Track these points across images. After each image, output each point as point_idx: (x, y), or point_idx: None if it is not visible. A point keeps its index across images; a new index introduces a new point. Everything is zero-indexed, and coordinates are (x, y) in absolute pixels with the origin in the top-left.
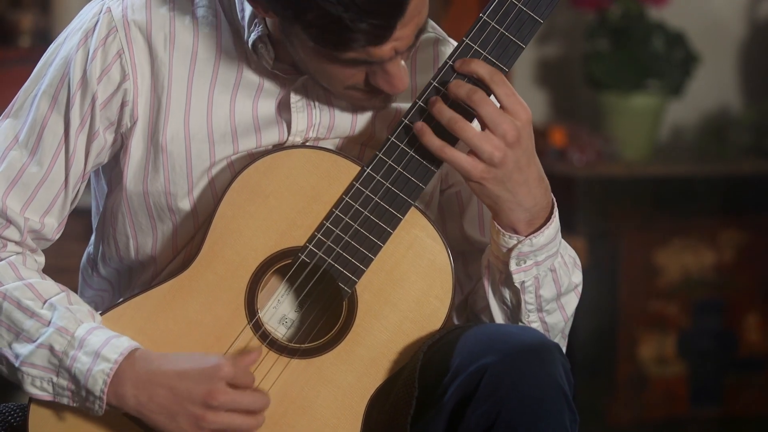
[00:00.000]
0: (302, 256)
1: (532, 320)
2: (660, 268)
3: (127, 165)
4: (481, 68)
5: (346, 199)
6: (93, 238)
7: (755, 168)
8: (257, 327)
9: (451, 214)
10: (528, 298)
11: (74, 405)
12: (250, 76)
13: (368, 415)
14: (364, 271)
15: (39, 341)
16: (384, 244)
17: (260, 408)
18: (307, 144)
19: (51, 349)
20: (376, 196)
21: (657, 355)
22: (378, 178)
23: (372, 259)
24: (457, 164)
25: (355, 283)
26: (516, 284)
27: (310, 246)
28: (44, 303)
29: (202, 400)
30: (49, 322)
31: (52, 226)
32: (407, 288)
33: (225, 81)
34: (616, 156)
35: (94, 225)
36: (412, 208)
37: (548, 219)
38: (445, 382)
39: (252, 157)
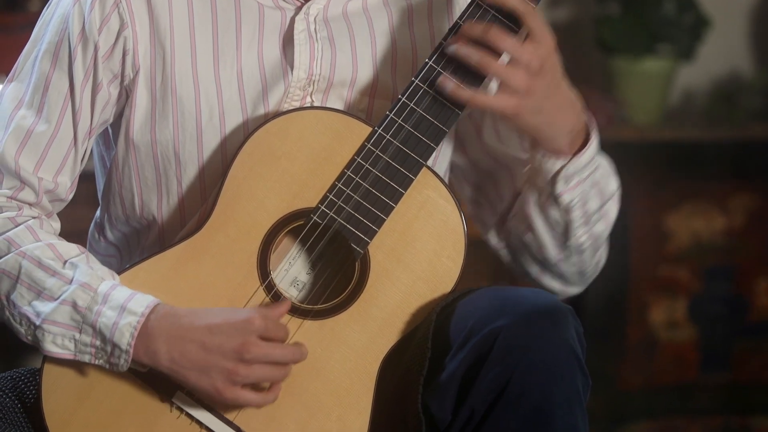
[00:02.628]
0: (314, 217)
1: (580, 235)
2: (670, 233)
3: (134, 116)
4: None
5: (358, 159)
6: (100, 206)
7: (766, 132)
8: (269, 288)
9: (469, 138)
10: (575, 216)
11: (96, 362)
12: (251, 14)
13: (381, 375)
14: (376, 231)
15: (62, 298)
16: (396, 204)
17: (293, 360)
18: (318, 105)
19: (74, 305)
20: (387, 157)
21: (667, 319)
22: (389, 138)
23: (384, 220)
24: (490, 106)
25: (368, 243)
26: (563, 204)
27: (322, 207)
28: (65, 263)
29: (235, 353)
30: (71, 280)
31: (65, 185)
32: (419, 248)
33: (226, 20)
34: (626, 120)
35: (100, 193)
36: (424, 168)
37: (587, 137)
38: (458, 344)
39: (263, 119)
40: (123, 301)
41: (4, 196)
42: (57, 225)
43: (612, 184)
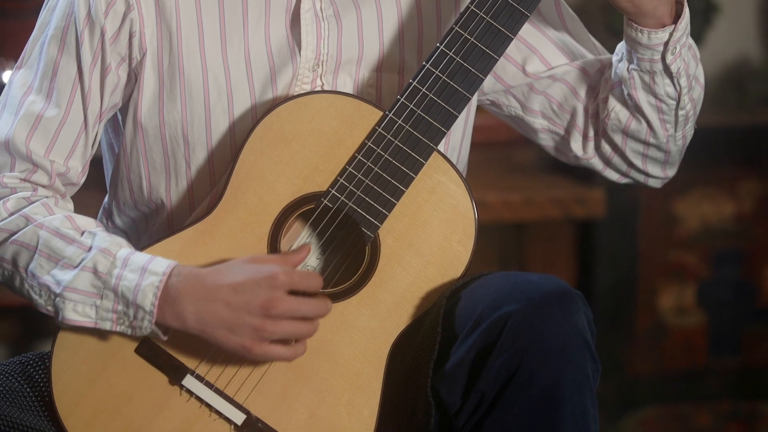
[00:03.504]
0: (325, 201)
1: (686, 104)
2: (679, 218)
3: (141, 98)
4: None
5: (369, 143)
6: (108, 191)
7: None
8: None
9: (525, 97)
10: (683, 83)
11: (117, 329)
12: None
13: (391, 359)
14: (386, 215)
15: (81, 265)
16: (406, 188)
17: (320, 314)
18: (329, 89)
19: (95, 271)
20: (398, 141)
21: (676, 305)
22: (400, 122)
23: (394, 204)
24: None
25: (378, 227)
26: (674, 74)
27: (333, 191)
28: (83, 233)
29: (261, 310)
30: (90, 247)
31: (77, 169)
32: (430, 233)
33: (232, 0)
34: None
35: (108, 179)
36: (435, 152)
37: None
38: (468, 329)
39: (272, 101)
40: (144, 264)
41: (17, 178)
42: (71, 206)
43: (694, 44)
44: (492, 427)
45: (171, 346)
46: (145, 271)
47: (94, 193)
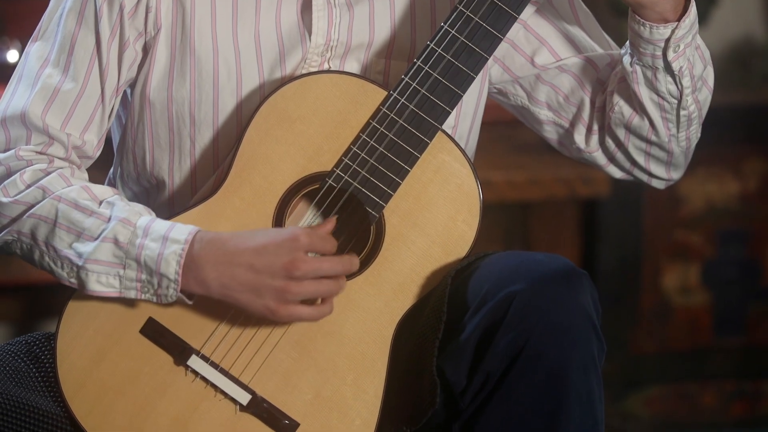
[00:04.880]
0: (329, 181)
1: (689, 104)
2: (684, 198)
3: (152, 73)
4: None
5: (373, 123)
6: (114, 161)
7: None
8: None
9: (531, 88)
10: (686, 82)
11: (142, 297)
12: None
13: (396, 339)
14: (391, 195)
15: (102, 236)
16: (411, 168)
17: (343, 272)
18: (334, 69)
19: (116, 241)
20: (403, 120)
21: (681, 284)
22: (404, 102)
23: (399, 184)
24: None
25: (383, 207)
26: (675, 72)
27: (338, 171)
28: (101, 203)
29: (284, 272)
30: (109, 218)
31: (92, 142)
32: (435, 212)
33: None
34: None
35: (115, 148)
36: (440, 132)
37: (685, 2)
38: (474, 309)
39: (279, 82)
40: (164, 232)
41: (33, 151)
42: (86, 177)
43: (705, 48)
44: (497, 406)
45: (176, 326)
46: (166, 239)
47: (98, 170)
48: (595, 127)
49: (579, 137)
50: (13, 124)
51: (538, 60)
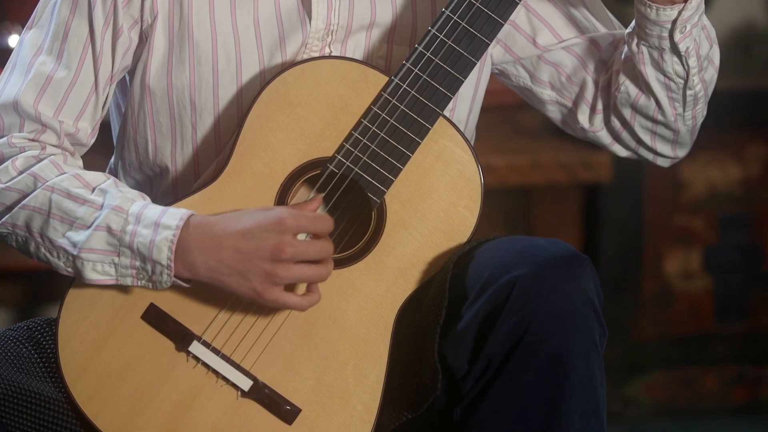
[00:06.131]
0: (331, 167)
1: (696, 83)
2: (685, 183)
3: (150, 61)
4: None
5: (374, 109)
6: (114, 152)
7: None
8: None
9: (534, 68)
10: (692, 63)
11: (138, 284)
12: None
13: (398, 325)
14: (392, 181)
15: (95, 224)
16: (412, 154)
17: (329, 255)
18: (335, 55)
19: (108, 229)
20: (404, 106)
21: (682, 270)
22: (406, 87)
23: (400, 169)
24: None
25: (384, 193)
26: (682, 52)
27: (339, 156)
28: (93, 190)
29: (271, 255)
30: (102, 206)
31: (86, 130)
32: (436, 198)
33: None
34: None
35: (115, 139)
36: (441, 118)
37: None
38: (475, 294)
39: (280, 68)
40: (156, 218)
41: (25, 138)
42: (80, 164)
43: (711, 27)
44: (499, 391)
45: (177, 312)
46: (158, 225)
47: (99, 157)
48: (599, 107)
49: (583, 117)
50: (6, 111)
51: (540, 41)
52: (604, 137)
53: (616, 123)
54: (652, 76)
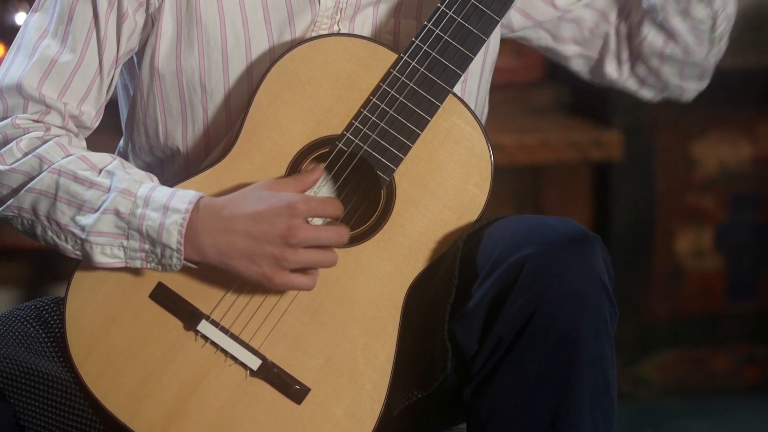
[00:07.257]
0: (340, 144)
1: (720, 22)
2: (697, 161)
3: (159, 44)
4: None
5: (383, 86)
6: (123, 135)
7: None
8: None
9: (555, 28)
10: (717, 4)
11: (148, 266)
12: None
13: (407, 304)
14: (402, 158)
15: (103, 207)
16: (422, 131)
17: (340, 242)
18: (344, 32)
19: (117, 212)
20: (413, 83)
21: (694, 248)
22: (415, 64)
23: (410, 147)
24: None
25: (393, 171)
26: None
27: (348, 134)
28: (100, 171)
29: (281, 239)
30: (110, 188)
31: (90, 113)
32: (445, 176)
33: None
34: None
35: (123, 122)
36: (450, 95)
37: None
38: (485, 273)
39: (289, 45)
40: (165, 201)
41: (30, 119)
42: (84, 145)
43: None
44: (509, 371)
45: (186, 291)
46: (167, 208)
47: (108, 137)
48: (625, 56)
49: (610, 67)
50: (10, 93)
51: (559, 2)
52: (632, 84)
53: (642, 70)
54: (679, 25)
